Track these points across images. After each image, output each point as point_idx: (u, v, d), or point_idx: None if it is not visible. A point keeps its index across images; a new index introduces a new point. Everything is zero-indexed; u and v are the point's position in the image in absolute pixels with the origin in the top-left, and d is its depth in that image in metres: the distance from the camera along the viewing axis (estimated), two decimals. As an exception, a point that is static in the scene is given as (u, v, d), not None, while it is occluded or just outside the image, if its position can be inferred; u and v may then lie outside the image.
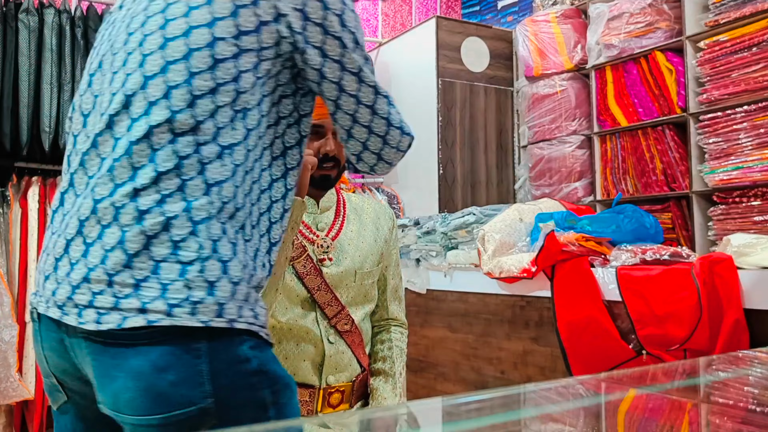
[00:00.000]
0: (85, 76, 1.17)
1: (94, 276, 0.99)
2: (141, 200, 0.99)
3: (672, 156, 3.36)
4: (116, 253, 0.98)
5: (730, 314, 2.30)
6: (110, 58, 1.11)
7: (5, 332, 3.08)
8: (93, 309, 0.98)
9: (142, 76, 1.04)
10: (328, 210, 1.65)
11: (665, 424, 0.81)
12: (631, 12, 3.50)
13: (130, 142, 1.02)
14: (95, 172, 1.05)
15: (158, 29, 1.06)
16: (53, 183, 3.46)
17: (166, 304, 0.97)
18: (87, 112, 1.12)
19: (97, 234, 1.01)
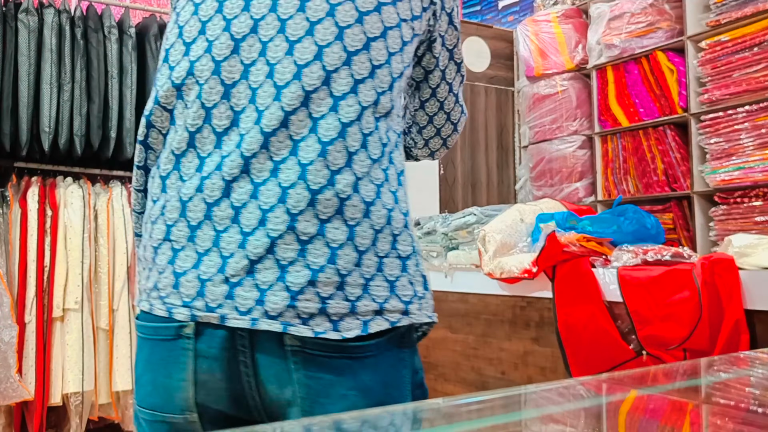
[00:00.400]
0: (224, 40, 0.95)
1: (323, 278, 0.86)
2: (363, 191, 0.89)
3: (673, 156, 3.36)
4: (346, 250, 0.87)
5: (731, 315, 2.30)
6: (274, 23, 0.93)
7: (5, 333, 3.08)
8: (324, 316, 0.86)
9: (343, 49, 0.92)
10: None
11: (666, 425, 0.80)
12: (632, 12, 3.49)
13: (343, 123, 0.90)
14: (286, 155, 0.89)
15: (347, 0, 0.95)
16: (53, 183, 3.46)
17: (401, 302, 0.89)
18: (233, 82, 0.93)
19: (317, 230, 0.87)
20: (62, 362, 3.25)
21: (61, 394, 3.24)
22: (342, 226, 0.87)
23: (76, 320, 3.27)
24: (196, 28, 0.97)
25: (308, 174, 0.88)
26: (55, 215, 3.35)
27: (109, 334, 3.36)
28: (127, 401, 3.42)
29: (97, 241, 3.43)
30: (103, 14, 3.61)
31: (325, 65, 0.91)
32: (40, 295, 3.26)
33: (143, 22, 3.83)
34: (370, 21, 0.94)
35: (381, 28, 0.95)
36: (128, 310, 3.41)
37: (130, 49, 3.61)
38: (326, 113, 0.90)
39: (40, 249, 3.29)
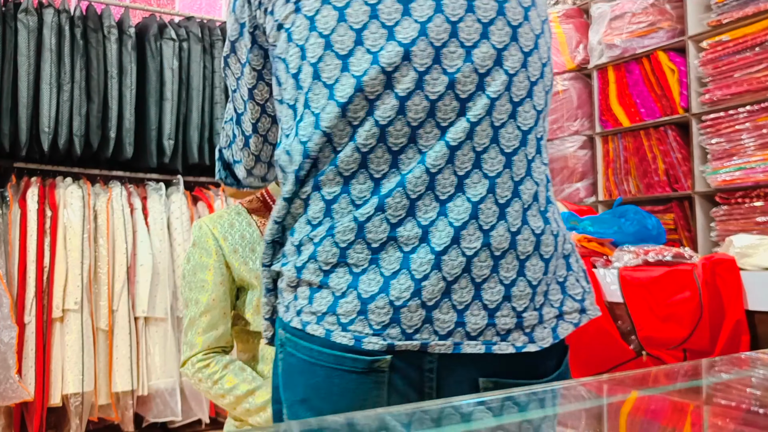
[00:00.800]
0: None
1: (516, 291, 0.85)
2: (540, 196, 0.90)
3: (674, 156, 3.35)
4: (533, 260, 0.87)
5: (732, 315, 2.29)
6: (444, 25, 0.88)
7: (4, 333, 3.07)
8: (520, 330, 0.85)
9: (520, 51, 0.90)
10: None
11: (667, 425, 0.80)
12: (633, 12, 3.49)
13: (523, 131, 0.89)
14: (470, 169, 0.87)
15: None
16: (52, 184, 3.45)
17: (575, 302, 0.89)
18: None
19: (509, 243, 0.86)
20: (62, 363, 3.25)
21: (61, 395, 3.24)
22: (531, 236, 0.86)
23: (76, 321, 3.27)
24: (351, 39, 0.88)
25: (496, 187, 0.85)
26: (54, 216, 3.34)
27: (108, 335, 3.35)
28: (127, 402, 3.42)
29: (96, 242, 3.43)
30: (102, 14, 3.61)
31: (506, 70, 0.88)
32: (39, 295, 3.26)
33: (143, 22, 3.82)
34: (532, 17, 0.91)
35: (540, 25, 0.93)
36: (128, 311, 3.40)
37: (129, 49, 3.61)
38: (506, 121, 0.87)
39: (40, 249, 3.29)
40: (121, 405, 3.42)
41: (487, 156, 0.86)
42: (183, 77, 3.78)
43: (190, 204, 3.74)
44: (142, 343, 3.45)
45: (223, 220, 1.56)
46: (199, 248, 1.54)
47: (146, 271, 3.46)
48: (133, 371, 3.37)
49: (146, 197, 3.66)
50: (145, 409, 3.49)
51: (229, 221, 1.56)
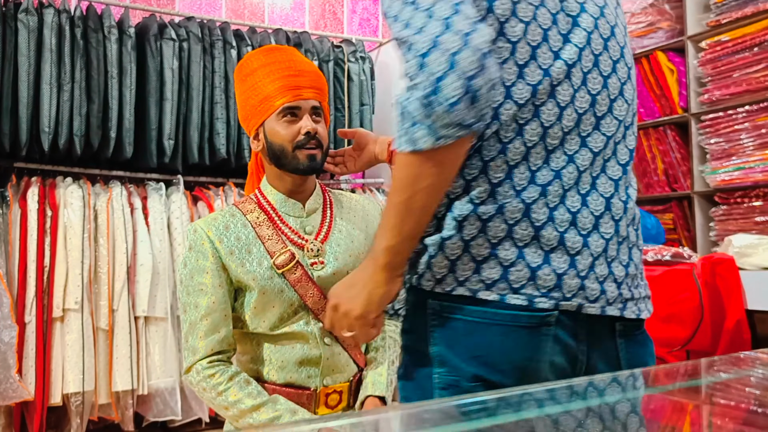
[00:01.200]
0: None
1: (631, 271, 1.10)
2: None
3: (673, 156, 3.36)
4: (635, 251, 1.12)
5: (732, 315, 2.30)
6: (612, 40, 1.12)
7: (5, 333, 3.08)
8: (633, 301, 1.09)
9: (629, 68, 1.16)
10: (314, 212, 1.62)
11: (667, 425, 0.80)
12: (632, 12, 3.49)
13: (635, 138, 1.18)
14: (599, 172, 1.10)
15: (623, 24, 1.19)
16: (52, 183, 3.46)
17: (644, 283, 1.16)
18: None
19: (626, 233, 1.10)
20: (62, 362, 3.25)
21: (61, 395, 3.24)
22: (634, 231, 1.11)
23: (76, 320, 3.27)
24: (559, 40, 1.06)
25: (619, 188, 1.09)
26: (54, 215, 3.34)
27: (108, 335, 3.36)
28: (127, 401, 3.42)
29: (96, 242, 3.43)
30: (102, 14, 3.61)
31: (626, 99, 1.14)
32: (40, 295, 3.26)
33: (143, 22, 3.82)
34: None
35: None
36: (128, 311, 3.40)
37: (129, 49, 3.61)
38: (620, 141, 1.12)
39: (40, 249, 3.29)
40: (121, 404, 3.42)
41: (609, 165, 1.09)
42: (183, 77, 3.78)
43: (190, 204, 3.74)
44: (142, 343, 3.46)
45: (218, 222, 1.55)
46: (195, 252, 1.52)
47: (146, 271, 3.47)
48: (133, 371, 3.37)
49: (146, 197, 3.66)
50: (145, 408, 3.50)
51: (224, 223, 1.55)
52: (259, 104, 1.55)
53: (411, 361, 1.10)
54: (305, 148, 1.52)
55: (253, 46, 4.01)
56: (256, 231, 1.54)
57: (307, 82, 1.55)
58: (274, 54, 1.58)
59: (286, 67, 1.55)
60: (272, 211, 1.58)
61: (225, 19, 4.49)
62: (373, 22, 5.26)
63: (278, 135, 1.53)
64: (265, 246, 1.53)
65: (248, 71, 1.57)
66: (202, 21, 3.95)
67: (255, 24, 4.27)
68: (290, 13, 4.92)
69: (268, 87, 1.54)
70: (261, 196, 1.61)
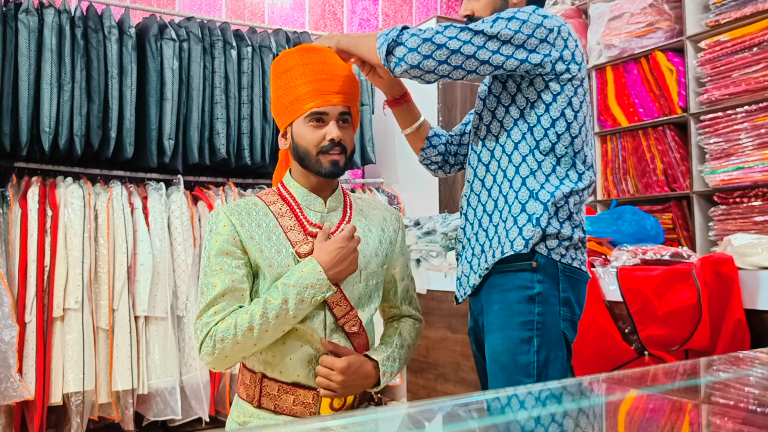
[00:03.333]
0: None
1: None
2: None
3: (672, 156, 3.36)
4: None
5: (731, 314, 2.30)
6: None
7: (5, 333, 3.08)
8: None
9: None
10: (334, 210, 1.64)
11: (666, 424, 0.81)
12: (631, 12, 3.49)
13: None
14: None
15: None
16: (53, 183, 3.46)
17: None
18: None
19: None
20: (62, 362, 3.25)
21: (62, 394, 3.24)
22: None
23: (77, 320, 3.27)
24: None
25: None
26: (55, 215, 3.35)
27: (109, 334, 3.36)
28: (127, 401, 3.43)
29: (97, 241, 3.43)
30: (103, 14, 3.61)
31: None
32: (40, 294, 3.26)
33: (143, 22, 3.83)
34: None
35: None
36: (128, 310, 3.41)
37: (130, 49, 3.61)
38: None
39: (41, 249, 3.29)
40: (121, 404, 3.42)
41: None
42: (183, 77, 3.78)
43: (190, 203, 3.74)
44: (143, 342, 3.46)
45: (240, 208, 1.58)
46: (215, 234, 1.54)
47: (146, 271, 3.47)
48: (134, 370, 3.38)
49: (146, 197, 3.67)
50: (146, 407, 3.50)
51: (246, 210, 1.58)
52: (289, 105, 1.59)
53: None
54: (329, 154, 1.56)
55: (253, 46, 4.01)
56: (279, 221, 1.57)
57: (337, 87, 1.58)
58: (309, 55, 1.60)
59: (318, 70, 1.58)
60: (294, 204, 1.61)
61: (225, 19, 4.49)
62: (372, 22, 5.26)
63: (304, 138, 1.57)
64: (287, 236, 1.55)
65: (283, 69, 1.61)
66: (202, 21, 3.95)
67: (255, 24, 4.27)
68: (290, 13, 4.92)
69: (299, 89, 1.57)
70: (284, 188, 1.64)
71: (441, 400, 0.93)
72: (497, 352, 1.60)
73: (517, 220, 1.60)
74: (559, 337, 1.58)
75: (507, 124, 1.66)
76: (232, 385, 3.71)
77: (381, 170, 4.77)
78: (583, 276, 1.66)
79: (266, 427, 1.28)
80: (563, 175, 1.63)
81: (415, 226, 3.62)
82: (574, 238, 1.63)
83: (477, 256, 1.68)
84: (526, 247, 1.58)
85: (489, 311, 1.64)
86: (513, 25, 1.55)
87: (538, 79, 1.61)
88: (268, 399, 1.54)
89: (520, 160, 1.63)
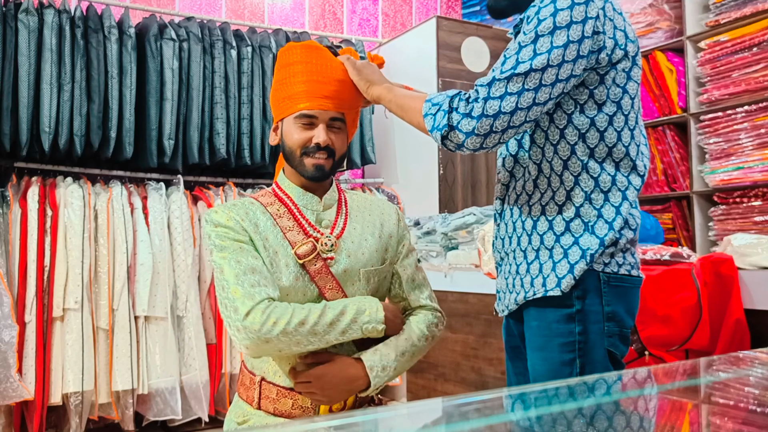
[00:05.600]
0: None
1: None
2: None
3: (672, 156, 3.36)
4: None
5: (731, 314, 2.30)
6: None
7: (5, 333, 3.08)
8: None
9: None
10: (330, 207, 1.62)
11: (666, 424, 0.81)
12: (631, 12, 3.49)
13: None
14: None
15: None
16: (53, 183, 3.46)
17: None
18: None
19: None
20: (62, 362, 3.25)
21: (61, 394, 3.24)
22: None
23: (76, 320, 3.27)
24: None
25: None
26: (55, 215, 3.35)
27: (109, 334, 3.36)
28: (127, 401, 3.43)
29: (97, 241, 3.43)
30: (103, 14, 3.61)
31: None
32: (40, 294, 3.26)
33: (143, 23, 3.83)
34: None
35: None
36: (128, 310, 3.41)
37: (129, 49, 3.61)
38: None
39: (40, 249, 3.29)
40: (121, 404, 3.42)
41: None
42: (183, 77, 3.78)
43: (190, 203, 3.74)
44: (143, 342, 3.46)
45: (238, 207, 1.56)
46: (222, 227, 1.50)
47: (146, 271, 3.47)
48: (134, 370, 3.38)
49: (146, 197, 3.67)
50: (145, 407, 3.50)
51: (244, 209, 1.55)
52: (283, 100, 1.57)
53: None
54: (313, 157, 1.54)
55: (252, 46, 4.02)
56: (277, 222, 1.54)
57: (331, 91, 1.56)
58: (311, 54, 1.59)
59: (316, 71, 1.56)
60: (292, 204, 1.59)
61: (225, 19, 4.49)
62: (372, 22, 5.27)
63: (291, 137, 1.56)
64: (286, 236, 1.53)
65: (286, 62, 1.59)
66: (202, 21, 3.95)
67: (255, 24, 4.27)
68: (290, 13, 4.92)
69: (295, 86, 1.56)
70: (279, 189, 1.62)
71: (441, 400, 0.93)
72: (539, 373, 1.47)
73: (568, 255, 1.44)
74: (603, 356, 1.42)
75: (553, 135, 1.46)
76: (232, 385, 3.71)
77: (381, 170, 4.77)
78: (633, 282, 1.48)
79: (266, 427, 1.28)
80: (625, 185, 1.46)
81: (415, 226, 3.62)
82: (620, 241, 1.44)
83: (515, 275, 1.54)
84: (573, 280, 1.42)
85: (528, 326, 1.51)
86: (558, 39, 1.34)
87: (591, 74, 1.41)
88: (267, 402, 1.53)
89: (573, 179, 1.44)
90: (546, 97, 1.35)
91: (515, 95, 1.34)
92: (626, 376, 1.00)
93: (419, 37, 4.44)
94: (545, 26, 1.35)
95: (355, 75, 1.59)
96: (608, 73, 1.41)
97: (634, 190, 1.48)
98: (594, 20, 1.35)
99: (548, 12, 1.35)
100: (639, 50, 1.48)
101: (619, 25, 1.41)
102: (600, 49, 1.38)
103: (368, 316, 1.47)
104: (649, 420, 0.82)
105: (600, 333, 1.42)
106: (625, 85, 1.43)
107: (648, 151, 1.53)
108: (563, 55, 1.33)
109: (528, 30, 1.37)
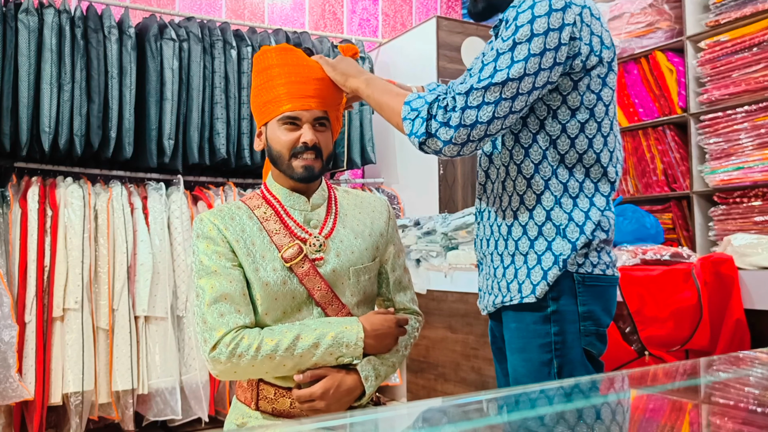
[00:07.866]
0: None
1: None
2: None
3: (672, 156, 3.36)
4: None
5: (731, 314, 2.30)
6: None
7: (5, 333, 3.08)
8: None
9: None
10: (319, 207, 1.61)
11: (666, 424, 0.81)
12: (631, 12, 3.49)
13: None
14: None
15: None
16: (53, 183, 3.46)
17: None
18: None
19: None
20: (62, 362, 3.25)
21: (61, 394, 3.24)
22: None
23: (76, 320, 3.27)
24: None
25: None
26: (55, 215, 3.35)
27: (109, 334, 3.36)
28: (127, 401, 3.43)
29: (97, 241, 3.43)
30: (103, 14, 3.61)
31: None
32: (40, 294, 3.26)
33: (143, 22, 3.83)
34: None
35: None
36: (128, 310, 3.41)
37: (129, 49, 3.61)
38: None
39: (40, 249, 3.29)
40: (121, 404, 3.42)
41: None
42: (183, 77, 3.78)
43: (190, 203, 3.74)
44: (143, 342, 3.46)
45: (224, 213, 1.55)
46: (203, 239, 1.51)
47: (146, 271, 3.47)
48: (134, 370, 3.38)
49: (146, 197, 3.67)
50: (145, 407, 3.50)
51: (230, 214, 1.55)
52: (265, 105, 1.56)
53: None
54: (302, 158, 1.53)
55: (253, 46, 4.02)
56: (263, 225, 1.54)
57: (312, 90, 1.55)
58: (287, 55, 1.58)
59: (294, 72, 1.55)
60: (278, 206, 1.58)
61: (225, 19, 4.49)
62: (372, 22, 5.27)
63: (277, 141, 1.54)
64: (272, 240, 1.52)
65: (263, 66, 1.58)
66: (202, 21, 3.95)
67: (255, 24, 4.27)
68: (290, 13, 4.92)
69: (275, 89, 1.55)
70: (267, 191, 1.62)
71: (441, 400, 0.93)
72: (519, 374, 1.50)
73: (541, 261, 1.46)
74: (581, 356, 1.45)
75: (525, 139, 1.48)
76: (231, 385, 3.71)
77: (381, 170, 4.77)
78: (609, 280, 1.49)
79: (265, 427, 1.28)
80: (592, 192, 1.47)
81: (415, 226, 3.62)
82: (593, 242, 1.46)
83: (493, 278, 1.57)
84: (547, 286, 1.45)
85: (507, 328, 1.54)
86: (535, 46, 1.34)
87: (565, 79, 1.43)
88: (265, 402, 1.52)
89: (543, 183, 1.47)
90: (522, 105, 1.37)
91: (492, 105, 1.36)
92: (627, 377, 1.00)
93: (419, 37, 4.44)
94: (523, 34, 1.35)
95: (330, 71, 1.59)
96: (582, 80, 1.43)
97: (602, 197, 1.48)
98: (571, 26, 1.37)
99: (525, 18, 1.36)
100: (615, 56, 1.50)
101: (596, 31, 1.43)
102: (575, 55, 1.40)
103: (347, 348, 1.47)
104: (649, 420, 0.82)
105: (576, 333, 1.45)
106: (600, 91, 1.45)
107: (622, 156, 1.55)
108: (539, 63, 1.35)
109: (506, 36, 1.38)
